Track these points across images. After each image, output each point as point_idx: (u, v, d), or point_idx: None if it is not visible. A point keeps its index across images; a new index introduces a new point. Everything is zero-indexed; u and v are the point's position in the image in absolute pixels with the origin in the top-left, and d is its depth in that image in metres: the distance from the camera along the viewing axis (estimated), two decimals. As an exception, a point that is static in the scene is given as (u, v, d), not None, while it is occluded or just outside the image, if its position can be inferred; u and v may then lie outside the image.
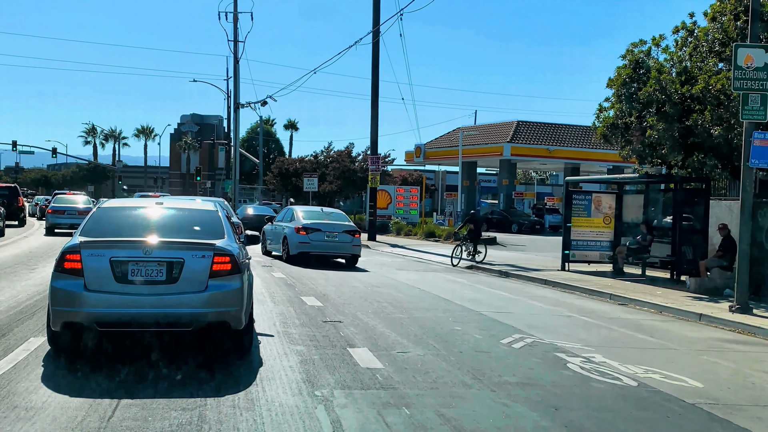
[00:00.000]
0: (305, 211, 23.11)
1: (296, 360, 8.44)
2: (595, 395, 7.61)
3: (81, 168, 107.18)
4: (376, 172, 34.40)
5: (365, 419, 6.32)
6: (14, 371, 7.46)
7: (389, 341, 9.83)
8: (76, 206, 32.00)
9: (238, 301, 7.95)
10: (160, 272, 7.69)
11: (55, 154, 75.58)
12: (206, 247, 7.91)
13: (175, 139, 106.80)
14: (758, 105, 13.89)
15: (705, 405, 7.45)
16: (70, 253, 7.71)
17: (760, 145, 13.82)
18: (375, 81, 33.49)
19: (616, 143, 20.58)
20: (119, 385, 7.03)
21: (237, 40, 48.42)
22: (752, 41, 14.51)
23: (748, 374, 9.24)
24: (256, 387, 7.19)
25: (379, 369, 8.13)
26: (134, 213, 9.00)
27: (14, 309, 11.07)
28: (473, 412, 6.72)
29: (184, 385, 7.14)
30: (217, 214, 9.03)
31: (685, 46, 19.28)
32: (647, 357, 9.68)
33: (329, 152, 53.06)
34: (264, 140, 69.78)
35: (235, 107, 48.87)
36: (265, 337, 9.70)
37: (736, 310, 13.79)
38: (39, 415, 6.08)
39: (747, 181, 14.33)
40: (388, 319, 11.68)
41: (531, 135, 53.54)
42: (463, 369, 8.40)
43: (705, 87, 17.28)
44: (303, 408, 6.57)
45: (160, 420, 6.04)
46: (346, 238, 21.30)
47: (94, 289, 7.55)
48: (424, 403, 6.89)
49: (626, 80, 19.34)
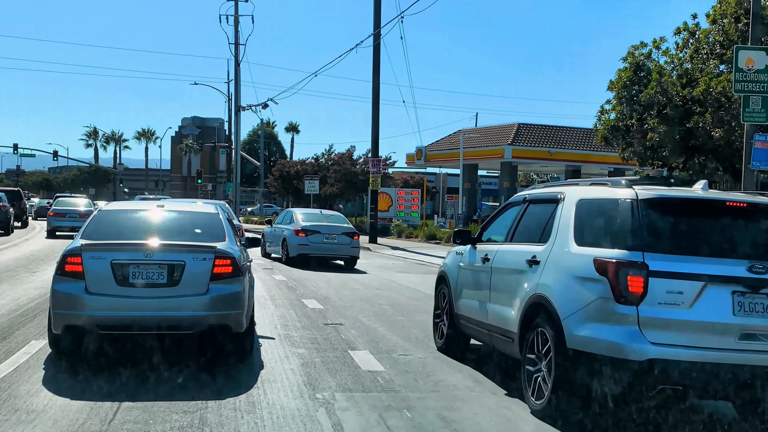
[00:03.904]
0: (304, 213, 23.27)
1: (297, 363, 8.43)
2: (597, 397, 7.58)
3: (82, 171, 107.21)
4: (377, 175, 34.42)
5: (366, 422, 6.31)
6: (15, 374, 7.45)
7: (390, 344, 9.83)
8: (78, 209, 32.20)
9: (239, 304, 7.95)
10: (161, 275, 7.69)
11: (56, 157, 75.68)
12: (207, 250, 7.90)
13: (176, 141, 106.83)
14: (759, 107, 13.90)
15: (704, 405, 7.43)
16: (71, 256, 7.71)
17: (762, 147, 13.83)
18: (376, 84, 33.51)
19: (617, 145, 20.61)
20: (120, 388, 7.03)
21: (238, 43, 48.55)
22: (753, 44, 14.53)
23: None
24: (257, 390, 7.18)
25: (381, 372, 8.12)
26: (135, 216, 9.00)
27: (15, 312, 11.06)
28: (475, 415, 6.71)
29: (185, 388, 7.13)
30: (218, 217, 9.03)
31: (686, 48, 19.30)
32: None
33: (330, 155, 53.06)
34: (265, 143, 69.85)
35: (236, 110, 48.94)
36: (266, 339, 9.70)
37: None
38: (40, 418, 6.08)
39: (748, 184, 14.33)
40: (390, 322, 11.67)
41: (532, 137, 53.51)
42: (464, 372, 8.39)
43: (706, 89, 17.30)
44: (304, 411, 6.56)
45: (161, 423, 6.04)
46: (345, 240, 21.44)
47: (95, 292, 7.55)
48: (425, 406, 6.88)
49: (627, 83, 19.38)
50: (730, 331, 5.84)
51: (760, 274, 5.85)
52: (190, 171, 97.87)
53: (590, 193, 6.95)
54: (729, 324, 5.82)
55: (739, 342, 5.84)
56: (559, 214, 7.05)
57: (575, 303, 6.27)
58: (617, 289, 5.89)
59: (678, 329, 5.79)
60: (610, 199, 6.52)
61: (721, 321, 5.83)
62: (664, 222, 6.17)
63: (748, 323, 5.84)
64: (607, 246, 6.20)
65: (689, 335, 5.81)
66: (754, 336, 5.85)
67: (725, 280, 5.84)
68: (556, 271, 6.69)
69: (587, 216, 6.69)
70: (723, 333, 5.83)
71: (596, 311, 6.05)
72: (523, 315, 7.00)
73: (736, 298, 5.85)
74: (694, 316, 5.80)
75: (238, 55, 48.57)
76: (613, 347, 5.87)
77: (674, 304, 5.81)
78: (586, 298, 6.18)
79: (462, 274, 8.97)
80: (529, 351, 6.87)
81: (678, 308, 5.81)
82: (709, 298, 5.82)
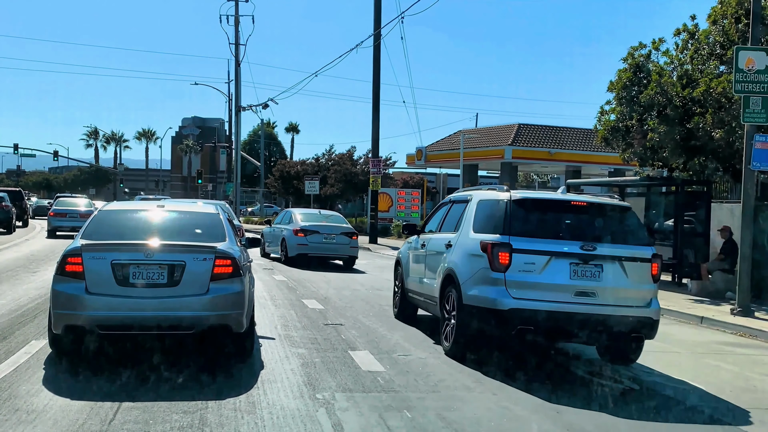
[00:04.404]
0: (303, 213, 23.45)
1: (297, 363, 8.43)
2: (598, 398, 7.60)
3: (83, 171, 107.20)
4: (377, 175, 34.43)
5: (367, 422, 6.31)
6: (16, 374, 7.45)
7: (391, 344, 9.82)
8: (78, 209, 32.45)
9: (239, 304, 7.95)
10: (162, 275, 7.69)
11: (56, 157, 75.67)
12: (207, 250, 7.90)
13: (176, 142, 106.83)
14: (759, 108, 13.89)
15: (707, 409, 7.44)
16: (71, 256, 7.71)
17: (762, 148, 13.82)
18: (376, 84, 33.53)
19: (617, 146, 20.56)
20: (120, 388, 7.03)
21: (238, 43, 48.52)
22: (753, 44, 14.52)
23: (751, 377, 9.23)
24: (257, 390, 7.18)
25: (381, 372, 8.12)
26: (136, 216, 9.00)
27: (16, 312, 11.06)
28: (475, 415, 6.71)
29: (186, 388, 7.13)
30: (219, 217, 9.03)
31: (686, 49, 19.27)
32: (649, 360, 9.65)
33: (331, 155, 53.02)
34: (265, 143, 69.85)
35: (237, 110, 48.94)
36: (266, 340, 9.69)
37: (737, 313, 13.77)
38: (40, 419, 6.08)
39: (749, 184, 14.33)
40: (390, 322, 11.67)
41: (532, 138, 53.49)
42: (464, 372, 8.38)
43: (706, 90, 17.27)
44: (304, 411, 6.56)
45: (161, 423, 6.04)
46: (344, 239, 21.59)
47: (96, 292, 7.55)
48: (425, 406, 6.88)
49: (627, 83, 19.34)
50: (568, 290, 8.26)
51: (588, 251, 8.32)
52: (190, 171, 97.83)
53: (486, 196, 9.41)
54: (567, 285, 8.26)
55: (574, 297, 8.28)
56: (466, 210, 9.59)
57: (469, 272, 8.77)
58: (492, 261, 8.38)
59: (531, 288, 8.27)
60: (494, 199, 9.02)
61: (561, 283, 8.26)
62: (526, 215, 8.63)
63: (580, 285, 8.30)
64: (489, 232, 8.66)
65: (539, 292, 8.26)
66: (585, 293, 8.30)
67: (565, 255, 8.29)
68: (459, 250, 9.21)
69: (482, 212, 9.17)
70: (562, 291, 8.26)
71: (480, 277, 8.54)
72: (441, 284, 9.50)
73: (572, 267, 8.29)
74: (543, 279, 8.28)
75: (239, 55, 48.57)
76: (489, 301, 8.35)
77: (529, 271, 8.29)
78: (474, 268, 8.67)
79: (409, 258, 11.61)
80: (444, 309, 9.31)
81: (532, 274, 8.29)
82: (553, 267, 8.28)
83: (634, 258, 8.47)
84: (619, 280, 8.37)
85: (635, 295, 8.46)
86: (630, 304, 8.42)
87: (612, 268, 8.33)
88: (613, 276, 8.33)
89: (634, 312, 8.40)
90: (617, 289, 8.37)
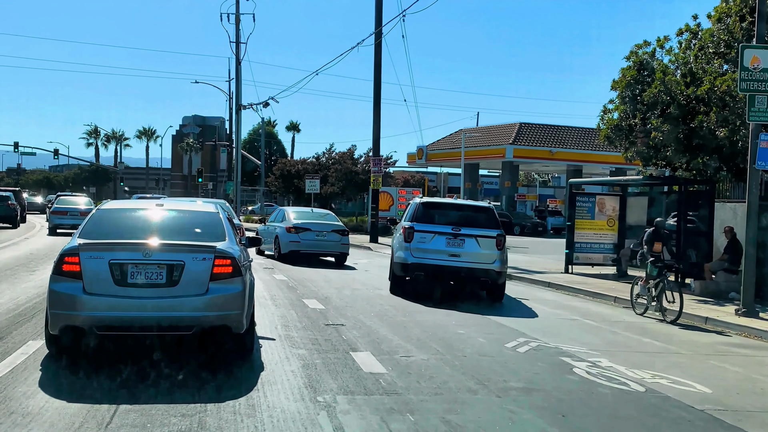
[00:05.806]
0: (296, 211, 24.02)
1: (298, 364, 8.32)
2: (603, 401, 7.49)
3: (83, 169, 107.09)
4: (378, 174, 34.29)
5: (368, 426, 6.20)
6: (12, 375, 7.34)
7: (392, 345, 9.71)
8: (78, 207, 32.96)
9: (239, 304, 7.84)
10: (160, 275, 7.58)
11: (57, 156, 75.43)
12: (207, 250, 7.79)
13: (176, 140, 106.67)
14: (765, 106, 13.77)
15: (714, 411, 7.33)
16: (68, 256, 7.60)
17: (767, 147, 13.69)
18: (377, 83, 33.39)
19: (619, 145, 20.41)
20: (118, 390, 6.91)
21: (239, 42, 48.35)
22: (758, 42, 14.38)
23: (757, 379, 9.11)
24: (257, 392, 7.07)
25: (383, 374, 8.01)
26: (134, 215, 8.88)
27: (13, 311, 10.95)
28: (478, 418, 6.60)
29: (184, 390, 7.02)
30: (218, 216, 8.92)
31: (690, 48, 19.13)
32: (653, 361, 9.56)
33: (331, 154, 52.86)
34: (266, 142, 69.69)
35: (237, 109, 48.80)
36: (266, 340, 9.58)
37: (742, 314, 13.65)
38: (36, 421, 5.97)
39: (753, 184, 14.20)
40: (391, 323, 11.56)
41: (533, 137, 53.40)
42: (467, 374, 8.27)
43: (710, 88, 17.14)
44: (305, 414, 6.45)
45: (159, 426, 5.92)
46: (335, 237, 22.03)
47: (93, 292, 7.44)
48: (428, 409, 6.77)
49: (630, 82, 19.20)
50: (444, 253, 14.59)
51: (456, 231, 14.62)
52: (190, 170, 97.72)
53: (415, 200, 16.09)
54: (444, 250, 14.60)
55: (448, 258, 14.59)
56: (408, 208, 16.29)
57: (397, 243, 15.31)
58: (405, 235, 14.84)
59: (423, 252, 14.61)
60: (414, 202, 15.86)
61: (440, 248, 14.61)
62: (427, 211, 15.22)
63: (452, 250, 14.61)
64: (408, 220, 15.24)
65: (427, 254, 14.59)
66: (456, 255, 14.59)
67: (442, 234, 14.65)
68: (397, 232, 15.98)
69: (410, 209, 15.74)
70: (441, 253, 14.59)
71: (399, 246, 15.05)
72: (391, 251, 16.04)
73: (448, 239, 14.64)
74: (430, 246, 14.62)
75: (239, 53, 48.40)
76: (402, 258, 14.86)
77: (423, 241, 14.64)
78: (399, 241, 15.22)
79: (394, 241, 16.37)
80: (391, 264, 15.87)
81: (424, 243, 14.63)
82: (437, 240, 14.63)
83: (485, 236, 14.66)
84: (475, 248, 14.59)
85: (485, 258, 14.56)
86: (482, 261, 14.57)
87: (470, 241, 14.59)
88: (471, 245, 14.60)
89: (484, 266, 14.54)
90: (473, 253, 14.57)
